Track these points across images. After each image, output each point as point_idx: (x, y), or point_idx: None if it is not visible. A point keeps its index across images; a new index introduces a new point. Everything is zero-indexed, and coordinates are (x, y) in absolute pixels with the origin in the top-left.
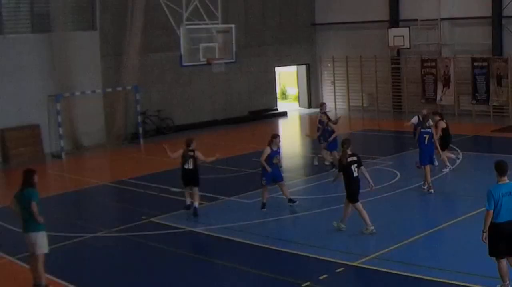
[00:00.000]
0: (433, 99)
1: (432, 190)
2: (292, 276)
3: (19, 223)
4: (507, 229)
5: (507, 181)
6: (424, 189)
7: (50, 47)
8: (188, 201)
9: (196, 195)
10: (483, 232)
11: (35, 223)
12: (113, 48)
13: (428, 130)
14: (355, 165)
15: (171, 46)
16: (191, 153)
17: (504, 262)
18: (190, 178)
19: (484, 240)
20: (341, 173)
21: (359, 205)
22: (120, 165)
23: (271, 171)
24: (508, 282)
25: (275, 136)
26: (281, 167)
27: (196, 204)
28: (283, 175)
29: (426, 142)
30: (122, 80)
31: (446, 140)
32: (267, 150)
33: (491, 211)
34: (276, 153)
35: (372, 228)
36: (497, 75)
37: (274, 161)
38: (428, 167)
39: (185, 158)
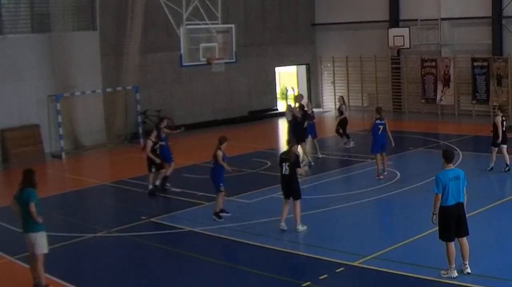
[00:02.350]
0: (433, 99)
1: (382, 177)
2: (292, 276)
3: (19, 223)
4: (454, 211)
5: (453, 167)
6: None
7: (50, 47)
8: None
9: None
10: (433, 214)
11: (35, 223)
12: (113, 48)
13: (382, 121)
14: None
15: (171, 46)
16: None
17: (452, 245)
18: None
19: (434, 221)
20: None
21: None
22: (120, 165)
23: (223, 177)
24: (454, 265)
25: (225, 139)
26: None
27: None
28: None
29: (379, 132)
30: (122, 80)
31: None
32: (221, 153)
33: (440, 195)
34: (226, 158)
35: (283, 224)
36: (497, 75)
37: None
38: (379, 155)
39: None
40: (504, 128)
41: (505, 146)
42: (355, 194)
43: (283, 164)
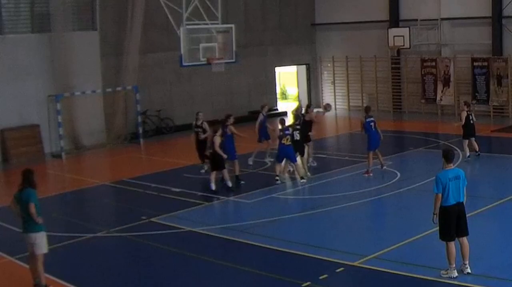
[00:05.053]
0: (433, 99)
1: (371, 174)
2: (292, 276)
3: (19, 223)
4: (455, 211)
5: (453, 167)
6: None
7: (50, 47)
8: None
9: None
10: (434, 213)
11: (35, 223)
12: (113, 48)
13: (373, 118)
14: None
15: (171, 46)
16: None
17: (453, 245)
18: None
19: (434, 221)
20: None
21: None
22: (120, 165)
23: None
24: (454, 265)
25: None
26: None
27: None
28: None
29: (372, 129)
30: (122, 80)
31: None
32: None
33: (439, 195)
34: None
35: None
36: (497, 75)
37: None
38: (372, 153)
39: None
40: (472, 121)
41: (473, 138)
42: (355, 194)
43: (294, 132)
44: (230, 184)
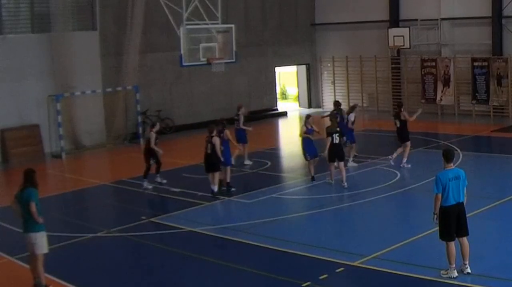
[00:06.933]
0: (433, 99)
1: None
2: (292, 276)
3: (19, 223)
4: (455, 211)
5: (453, 167)
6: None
7: (50, 47)
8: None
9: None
10: (434, 213)
11: (35, 223)
12: (113, 48)
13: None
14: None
15: (171, 46)
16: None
17: (453, 245)
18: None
19: (435, 221)
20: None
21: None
22: (120, 165)
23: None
24: (454, 265)
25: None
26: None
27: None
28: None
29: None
30: (122, 80)
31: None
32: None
33: (439, 195)
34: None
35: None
36: (497, 75)
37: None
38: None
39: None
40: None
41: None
42: (355, 194)
43: (334, 135)
44: (215, 189)
